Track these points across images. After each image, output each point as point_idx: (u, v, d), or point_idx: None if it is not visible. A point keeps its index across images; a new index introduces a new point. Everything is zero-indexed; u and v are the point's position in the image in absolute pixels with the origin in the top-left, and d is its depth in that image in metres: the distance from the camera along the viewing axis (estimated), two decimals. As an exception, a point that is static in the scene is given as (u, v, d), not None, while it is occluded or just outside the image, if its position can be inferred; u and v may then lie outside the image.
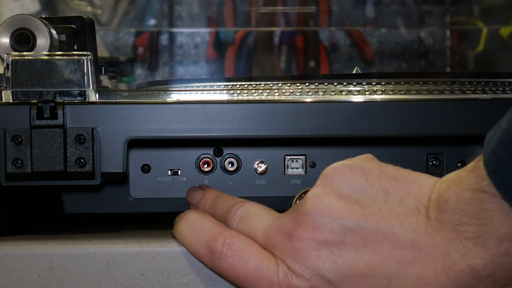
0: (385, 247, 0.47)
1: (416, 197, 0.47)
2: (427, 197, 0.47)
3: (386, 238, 0.47)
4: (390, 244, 0.46)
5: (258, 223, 0.51)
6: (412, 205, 0.47)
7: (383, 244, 0.47)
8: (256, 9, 1.07)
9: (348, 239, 0.47)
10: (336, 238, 0.47)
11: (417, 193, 0.47)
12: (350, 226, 0.47)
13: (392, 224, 0.47)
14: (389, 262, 0.46)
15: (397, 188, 0.48)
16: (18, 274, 0.53)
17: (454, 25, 1.08)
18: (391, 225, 0.47)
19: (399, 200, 0.47)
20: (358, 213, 0.47)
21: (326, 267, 0.47)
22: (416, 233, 0.46)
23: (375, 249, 0.47)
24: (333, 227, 0.47)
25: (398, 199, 0.47)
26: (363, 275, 0.47)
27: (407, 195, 0.47)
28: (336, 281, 0.47)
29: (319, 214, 0.48)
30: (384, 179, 0.48)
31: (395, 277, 0.47)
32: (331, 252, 0.47)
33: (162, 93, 0.61)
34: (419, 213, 0.46)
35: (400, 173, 0.48)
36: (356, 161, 0.49)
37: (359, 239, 0.47)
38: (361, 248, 0.47)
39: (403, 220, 0.47)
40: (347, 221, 0.47)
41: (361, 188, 0.48)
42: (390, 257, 0.46)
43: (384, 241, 0.47)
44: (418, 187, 0.47)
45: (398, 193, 0.47)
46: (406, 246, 0.46)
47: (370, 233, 0.47)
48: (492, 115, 0.56)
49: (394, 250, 0.46)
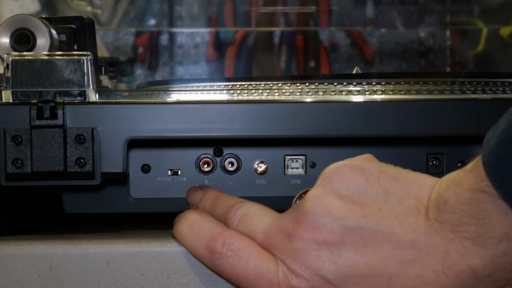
0: (384, 247, 0.47)
1: (416, 197, 0.47)
2: (427, 197, 0.47)
3: (386, 238, 0.47)
4: (390, 244, 0.46)
5: (258, 223, 0.51)
6: (412, 205, 0.47)
7: (382, 244, 0.47)
8: (256, 9, 1.07)
9: (348, 239, 0.47)
10: (336, 238, 0.47)
11: (416, 193, 0.47)
12: (350, 226, 0.47)
13: (392, 224, 0.47)
14: (389, 262, 0.47)
15: (397, 188, 0.48)
16: (18, 274, 0.53)
17: (454, 25, 1.08)
18: (391, 225, 0.47)
19: (399, 200, 0.47)
20: (358, 213, 0.47)
21: (326, 267, 0.47)
22: (416, 233, 0.46)
23: (375, 249, 0.47)
24: (333, 227, 0.47)
25: (398, 199, 0.47)
26: (363, 275, 0.47)
27: (407, 195, 0.47)
28: (335, 281, 0.47)
29: (319, 214, 0.48)
30: (384, 179, 0.48)
31: (394, 277, 0.47)
32: (331, 252, 0.47)
33: (162, 93, 0.61)
34: (418, 213, 0.46)
35: (400, 173, 0.48)
36: (356, 161, 0.49)
37: (359, 239, 0.47)
38: (361, 248, 0.47)
39: (402, 220, 0.47)
40: (347, 221, 0.47)
41: (361, 188, 0.48)
42: (389, 257, 0.46)
43: (384, 241, 0.47)
44: (418, 187, 0.47)
45: (398, 193, 0.47)
46: (405, 246, 0.46)
47: (370, 233, 0.47)
48: (492, 115, 0.56)
49: (393, 250, 0.46)
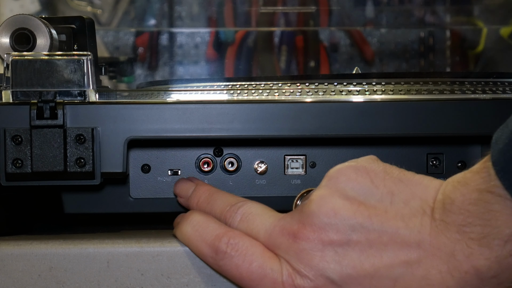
0: (390, 248, 0.47)
1: (421, 198, 0.47)
2: (433, 198, 0.47)
3: (392, 239, 0.47)
4: (395, 245, 0.46)
5: (260, 223, 0.51)
6: (418, 206, 0.47)
7: (388, 245, 0.47)
8: (256, 9, 1.07)
9: (353, 240, 0.47)
10: (342, 239, 0.47)
11: (422, 194, 0.47)
12: (355, 227, 0.47)
13: (397, 225, 0.47)
14: (394, 263, 0.47)
15: (403, 189, 0.48)
16: (18, 274, 0.53)
17: (454, 25, 1.08)
18: (397, 226, 0.47)
19: (405, 202, 0.47)
20: (363, 214, 0.47)
21: (331, 268, 0.47)
22: (421, 234, 0.46)
23: (380, 250, 0.47)
24: (339, 228, 0.47)
25: (403, 200, 0.47)
26: (368, 276, 0.47)
27: (413, 197, 0.47)
28: (340, 282, 0.47)
29: (325, 215, 0.48)
30: (390, 180, 0.48)
31: (400, 279, 0.47)
32: (336, 252, 0.47)
33: (162, 93, 0.61)
34: (424, 214, 0.46)
35: (405, 175, 0.48)
36: (360, 162, 0.49)
37: (364, 240, 0.47)
38: (367, 249, 0.47)
39: (408, 221, 0.47)
40: (353, 222, 0.47)
41: (367, 190, 0.48)
42: (395, 258, 0.46)
43: (389, 242, 0.47)
44: (424, 189, 0.47)
45: (404, 195, 0.47)
46: (411, 247, 0.46)
47: (375, 234, 0.47)
48: (492, 115, 0.56)
49: (399, 251, 0.46)
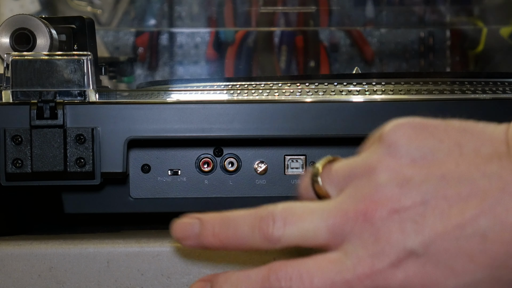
0: (471, 203, 0.43)
1: (492, 142, 0.43)
2: (504, 139, 0.43)
3: (471, 193, 0.43)
4: (476, 199, 0.43)
5: (311, 221, 0.45)
6: (491, 151, 0.43)
7: (469, 201, 0.43)
8: (256, 9, 1.07)
9: (431, 204, 0.43)
10: (418, 207, 0.43)
11: (491, 138, 0.44)
12: (430, 190, 0.43)
13: (473, 177, 0.43)
14: (479, 218, 0.42)
15: (469, 138, 0.44)
16: (18, 274, 0.54)
17: (454, 25, 1.08)
18: (473, 178, 0.43)
19: (475, 150, 0.44)
20: (436, 174, 0.43)
21: (412, 239, 0.43)
22: (503, 178, 0.42)
23: (462, 208, 0.43)
24: (413, 196, 0.43)
25: (473, 149, 0.44)
26: (453, 239, 0.43)
27: (482, 143, 0.44)
28: (424, 252, 0.43)
29: (396, 185, 0.43)
30: (452, 131, 0.44)
31: (489, 232, 0.42)
32: (415, 222, 0.43)
33: (162, 93, 0.61)
34: (500, 158, 0.43)
35: (468, 124, 0.45)
36: (412, 119, 0.45)
37: (443, 202, 0.43)
38: (446, 210, 0.43)
39: (485, 169, 0.43)
40: (427, 186, 0.43)
41: (431, 146, 0.44)
42: (479, 213, 0.42)
43: (470, 197, 0.43)
44: (490, 133, 0.44)
45: (472, 143, 0.44)
46: (494, 195, 0.42)
47: (452, 193, 0.43)
48: (492, 115, 0.56)
49: (482, 203, 0.42)
